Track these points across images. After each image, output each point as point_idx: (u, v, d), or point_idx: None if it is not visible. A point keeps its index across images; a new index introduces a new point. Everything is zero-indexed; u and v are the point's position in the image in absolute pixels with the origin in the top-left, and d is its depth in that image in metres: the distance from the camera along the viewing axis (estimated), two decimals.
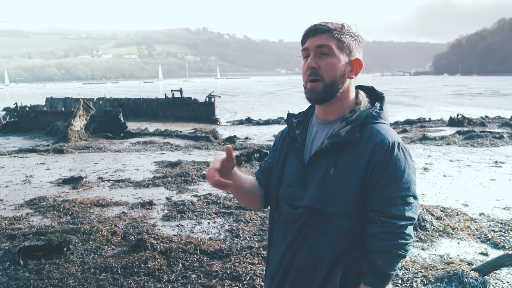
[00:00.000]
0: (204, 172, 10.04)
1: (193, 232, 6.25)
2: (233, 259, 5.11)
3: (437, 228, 6.00)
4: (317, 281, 1.76)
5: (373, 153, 1.67)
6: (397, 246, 1.68)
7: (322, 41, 1.72)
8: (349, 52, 1.76)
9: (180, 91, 26.99)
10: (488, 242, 5.61)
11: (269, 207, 2.03)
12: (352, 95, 1.83)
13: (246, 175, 1.99)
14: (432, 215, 6.37)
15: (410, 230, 1.70)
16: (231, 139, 15.69)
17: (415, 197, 1.71)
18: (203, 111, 25.93)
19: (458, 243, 5.62)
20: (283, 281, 1.85)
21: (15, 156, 13.08)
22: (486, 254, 5.23)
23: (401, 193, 1.67)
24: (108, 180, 9.57)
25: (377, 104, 1.81)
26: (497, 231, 5.90)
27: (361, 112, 1.77)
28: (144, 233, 6.06)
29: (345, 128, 1.73)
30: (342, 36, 1.73)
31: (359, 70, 1.80)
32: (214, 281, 4.56)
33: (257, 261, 5.00)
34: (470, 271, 4.34)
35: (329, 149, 1.73)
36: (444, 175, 9.49)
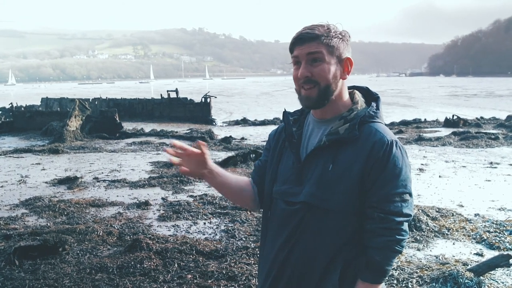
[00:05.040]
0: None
1: (189, 232, 6.24)
2: (228, 259, 5.11)
3: (433, 229, 6.01)
4: (315, 277, 1.78)
5: (372, 151, 1.70)
6: (395, 242, 1.72)
7: (312, 48, 1.74)
8: (339, 54, 1.77)
9: (176, 91, 26.95)
10: (483, 243, 5.63)
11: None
12: (346, 94, 1.86)
13: (232, 174, 2.04)
14: (428, 215, 6.38)
15: (406, 226, 1.75)
16: (227, 140, 15.68)
17: (410, 195, 1.75)
18: (199, 111, 25.89)
19: (454, 244, 5.64)
20: (278, 278, 1.86)
21: (10, 156, 13.04)
22: (481, 255, 5.25)
23: (398, 190, 1.71)
24: (104, 181, 9.55)
25: (374, 104, 1.85)
26: (492, 232, 5.92)
27: (359, 111, 1.80)
28: (140, 233, 6.06)
29: (343, 126, 1.76)
30: (330, 40, 1.75)
31: (351, 68, 1.82)
32: (209, 281, 4.56)
33: (252, 261, 5.00)
34: (465, 271, 4.35)
35: (327, 146, 1.76)
36: (439, 176, 9.51)
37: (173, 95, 26.89)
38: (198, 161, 1.91)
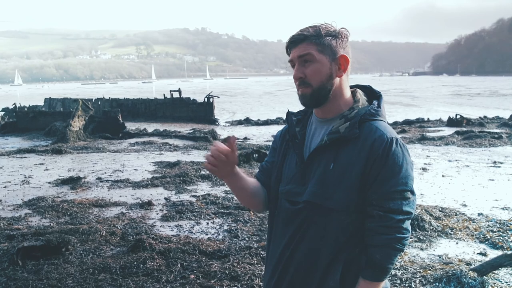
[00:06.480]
0: (202, 172, 10.03)
1: (191, 232, 6.25)
2: (231, 259, 5.11)
3: (436, 228, 6.00)
4: (316, 276, 1.79)
5: (373, 149, 1.70)
6: (395, 240, 1.71)
7: (302, 50, 1.77)
8: (332, 52, 1.78)
9: (179, 91, 26.97)
10: (486, 242, 5.61)
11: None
12: (347, 93, 1.86)
13: (249, 177, 2.01)
14: (431, 215, 6.37)
15: (407, 224, 1.73)
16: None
17: (412, 192, 1.74)
18: (201, 111, 25.91)
19: (457, 243, 5.62)
20: (282, 277, 1.87)
21: (13, 157, 13.07)
22: (484, 254, 5.23)
23: (399, 188, 1.70)
24: (107, 181, 9.56)
25: (375, 102, 1.85)
26: (495, 231, 5.90)
27: (360, 109, 1.81)
28: (143, 234, 6.06)
29: (344, 124, 1.76)
30: (320, 39, 1.77)
31: (347, 66, 1.82)
32: (212, 281, 4.56)
33: (255, 261, 5.00)
34: (469, 271, 4.34)
35: (328, 145, 1.77)
36: (442, 175, 9.49)
37: (176, 95, 26.92)
38: (229, 161, 1.83)
